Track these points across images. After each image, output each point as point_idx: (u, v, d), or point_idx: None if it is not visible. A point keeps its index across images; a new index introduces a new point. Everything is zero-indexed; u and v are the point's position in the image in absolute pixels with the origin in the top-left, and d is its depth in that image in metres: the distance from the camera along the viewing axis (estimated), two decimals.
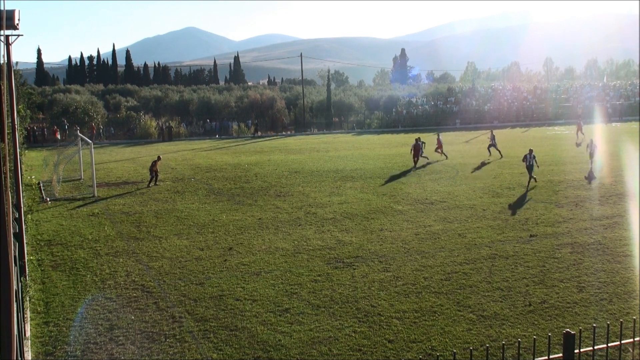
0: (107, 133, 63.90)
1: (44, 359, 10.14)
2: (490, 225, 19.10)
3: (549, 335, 5.74)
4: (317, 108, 77.44)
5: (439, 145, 37.82)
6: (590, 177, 27.09)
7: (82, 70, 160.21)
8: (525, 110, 74.24)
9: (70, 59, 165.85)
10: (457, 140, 51.22)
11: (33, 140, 57.96)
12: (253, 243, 17.57)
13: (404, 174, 30.87)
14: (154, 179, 28.78)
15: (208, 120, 69.75)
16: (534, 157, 26.02)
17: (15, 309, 5.33)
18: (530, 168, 26.01)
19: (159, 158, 29.99)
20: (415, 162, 33.51)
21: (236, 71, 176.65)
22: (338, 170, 32.68)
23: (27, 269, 14.16)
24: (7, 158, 12.79)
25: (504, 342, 6.66)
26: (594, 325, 6.28)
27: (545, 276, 13.85)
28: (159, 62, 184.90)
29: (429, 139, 40.89)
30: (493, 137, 37.03)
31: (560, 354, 5.35)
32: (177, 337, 10.91)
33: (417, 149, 33.33)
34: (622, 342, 5.90)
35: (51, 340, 10.87)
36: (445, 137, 55.37)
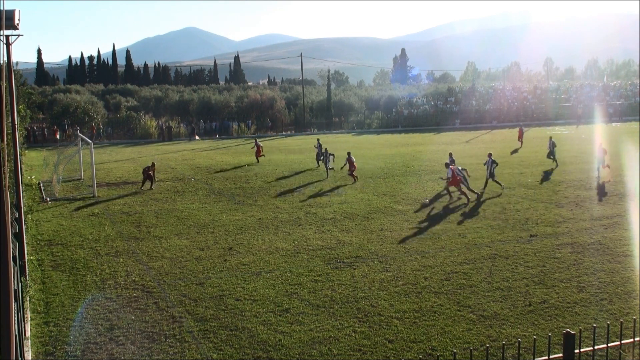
0: (107, 133, 63.89)
1: (44, 359, 10.14)
2: (490, 225, 19.10)
3: (549, 335, 5.74)
4: (317, 108, 77.44)
5: (258, 149, 37.45)
6: (428, 203, 23.00)
7: (82, 70, 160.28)
8: (526, 110, 74.23)
9: (70, 59, 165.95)
10: (457, 140, 51.24)
11: (33, 140, 57.97)
12: (253, 243, 17.57)
13: (404, 174, 30.86)
14: (151, 182, 28.15)
15: (202, 121, 69.47)
16: (494, 164, 25.23)
17: (15, 309, 5.33)
18: (491, 175, 25.14)
19: (153, 164, 28.99)
20: (355, 177, 28.87)
21: (236, 71, 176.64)
22: (338, 170, 32.66)
23: (27, 269, 14.16)
24: (7, 158, 12.79)
25: (504, 342, 6.66)
26: (594, 325, 6.28)
27: (545, 276, 13.85)
28: (159, 62, 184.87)
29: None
30: (320, 148, 33.80)
31: (560, 354, 5.35)
32: (177, 337, 10.91)
33: (352, 162, 28.80)
34: (622, 342, 5.90)
35: (51, 340, 10.87)
36: (445, 137, 55.56)
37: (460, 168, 24.05)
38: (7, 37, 13.62)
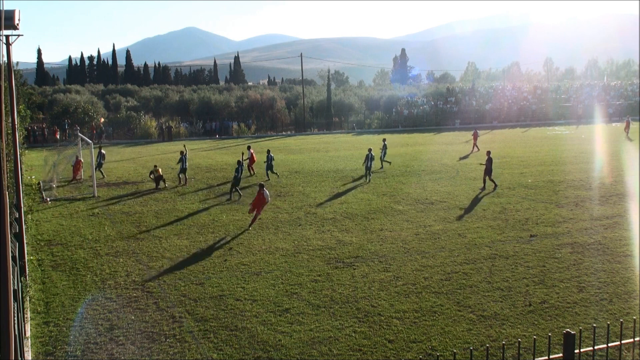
0: (107, 133, 63.83)
1: (44, 359, 10.14)
2: (490, 225, 19.09)
3: (549, 335, 5.73)
4: (317, 108, 77.40)
5: (77, 164, 31.63)
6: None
7: (82, 70, 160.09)
8: (526, 110, 74.25)
9: (70, 59, 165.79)
10: (457, 140, 51.22)
11: (33, 140, 57.90)
12: (253, 243, 17.57)
13: (404, 174, 30.86)
14: (163, 180, 28.56)
15: (201, 123, 69.12)
16: (372, 157, 28.83)
17: (15, 309, 5.33)
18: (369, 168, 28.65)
19: (155, 167, 28.94)
20: (251, 170, 31.28)
21: (236, 71, 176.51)
22: (338, 170, 32.68)
23: (27, 269, 14.16)
24: (7, 158, 12.79)
25: (504, 342, 6.66)
26: (594, 325, 6.28)
27: (545, 276, 13.85)
28: (159, 62, 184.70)
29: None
30: (183, 161, 29.21)
31: (560, 354, 5.35)
32: (177, 337, 10.91)
33: (252, 156, 31.00)
34: (622, 342, 5.90)
35: (51, 340, 10.86)
36: (445, 137, 55.53)
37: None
38: (7, 37, 13.61)
